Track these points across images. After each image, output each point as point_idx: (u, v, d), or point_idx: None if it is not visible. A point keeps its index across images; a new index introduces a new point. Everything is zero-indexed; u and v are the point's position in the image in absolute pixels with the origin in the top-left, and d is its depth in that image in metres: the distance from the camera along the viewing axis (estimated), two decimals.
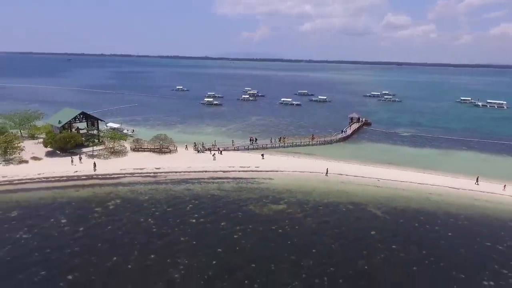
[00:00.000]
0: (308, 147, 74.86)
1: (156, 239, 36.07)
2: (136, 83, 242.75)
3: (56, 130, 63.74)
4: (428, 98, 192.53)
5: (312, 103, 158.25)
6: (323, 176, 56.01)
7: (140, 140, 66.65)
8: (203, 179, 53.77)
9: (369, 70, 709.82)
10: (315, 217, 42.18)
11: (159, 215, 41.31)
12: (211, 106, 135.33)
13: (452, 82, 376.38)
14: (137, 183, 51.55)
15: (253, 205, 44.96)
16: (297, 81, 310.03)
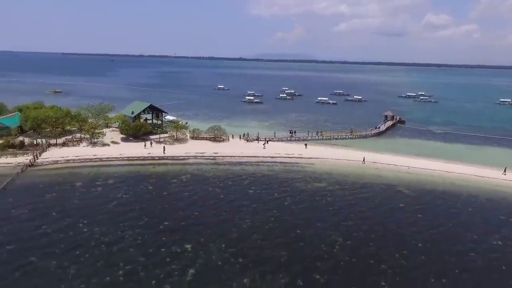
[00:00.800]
0: (344, 140, 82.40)
1: (224, 202, 45.58)
2: (179, 82, 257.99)
3: (129, 120, 75.48)
4: (465, 100, 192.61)
5: (348, 103, 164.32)
6: (360, 163, 63.58)
7: (198, 130, 77.15)
8: (254, 162, 63.06)
9: (406, 72, 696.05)
10: (352, 193, 50.21)
11: (223, 186, 50.98)
12: (252, 104, 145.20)
13: (494, 84, 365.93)
14: (201, 163, 61.70)
15: (299, 182, 53.68)
16: (332, 82, 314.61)
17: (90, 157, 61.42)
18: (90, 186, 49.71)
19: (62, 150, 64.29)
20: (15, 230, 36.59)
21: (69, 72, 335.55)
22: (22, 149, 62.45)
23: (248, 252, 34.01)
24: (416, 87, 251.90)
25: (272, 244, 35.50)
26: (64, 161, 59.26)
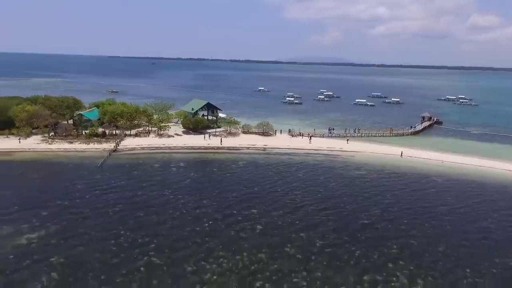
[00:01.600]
0: (382, 137, 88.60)
1: (278, 182, 54.28)
2: (220, 84, 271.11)
3: (189, 115, 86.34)
4: (508, 104, 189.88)
5: (385, 105, 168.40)
6: (396, 156, 70.18)
7: (248, 125, 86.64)
8: (300, 153, 71.44)
9: (448, 75, 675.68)
10: (388, 179, 57.35)
11: (275, 171, 59.80)
12: (292, 104, 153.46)
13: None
14: (253, 153, 70.97)
15: (341, 169, 61.50)
16: (369, 85, 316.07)
17: (160, 146, 72.44)
18: (166, 167, 60.36)
19: (135, 140, 75.90)
20: (119, 195, 47.26)
21: (118, 74, 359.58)
22: (104, 138, 74.67)
23: (302, 217, 42.43)
24: (457, 91, 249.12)
25: (321, 213, 43.70)
26: (140, 148, 70.59)
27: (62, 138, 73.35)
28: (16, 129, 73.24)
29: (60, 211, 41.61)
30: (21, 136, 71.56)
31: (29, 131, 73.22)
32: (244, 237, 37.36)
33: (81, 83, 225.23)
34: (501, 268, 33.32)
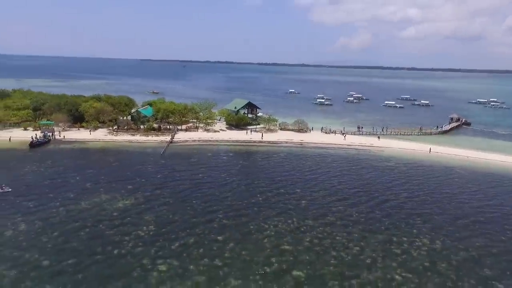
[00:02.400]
0: (410, 136, 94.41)
1: (316, 170, 62.15)
2: (251, 86, 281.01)
3: (232, 113, 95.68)
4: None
5: (415, 107, 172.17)
6: (425, 152, 76.36)
7: (285, 123, 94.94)
8: (334, 148, 78.94)
9: (481, 78, 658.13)
10: (415, 169, 64.02)
11: (312, 160, 67.74)
12: (323, 105, 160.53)
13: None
14: (291, 147, 79.18)
15: (371, 161, 68.64)
16: (399, 88, 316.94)
17: (208, 139, 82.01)
18: (217, 156, 69.68)
19: (186, 134, 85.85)
20: (184, 175, 56.64)
21: (154, 76, 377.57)
22: (159, 131, 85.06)
23: (339, 196, 50.12)
24: (489, 94, 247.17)
25: (356, 194, 51.24)
26: (192, 141, 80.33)
27: (124, 131, 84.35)
28: (86, 123, 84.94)
29: (141, 185, 51.40)
30: (90, 128, 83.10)
31: (96, 125, 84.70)
32: (292, 208, 45.56)
33: (123, 84, 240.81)
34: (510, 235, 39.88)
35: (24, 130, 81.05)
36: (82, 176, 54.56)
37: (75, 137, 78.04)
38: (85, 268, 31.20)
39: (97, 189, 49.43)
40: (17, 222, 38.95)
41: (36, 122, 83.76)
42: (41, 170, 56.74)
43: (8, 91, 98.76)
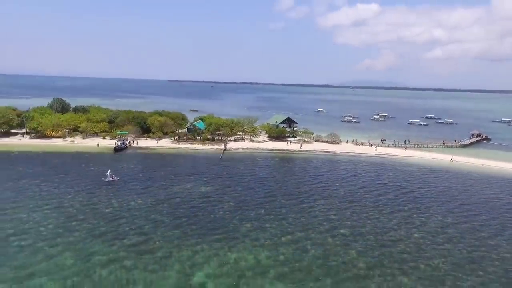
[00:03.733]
0: (433, 148, 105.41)
1: (349, 171, 74.91)
2: (279, 105, 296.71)
3: (273, 127, 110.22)
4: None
5: (439, 125, 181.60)
6: (447, 161, 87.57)
7: (319, 135, 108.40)
8: (364, 156, 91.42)
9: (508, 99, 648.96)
10: (435, 172, 75.63)
11: (345, 166, 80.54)
12: (351, 123, 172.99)
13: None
14: (326, 155, 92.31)
15: (396, 166, 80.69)
16: (424, 108, 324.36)
17: (255, 148, 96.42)
18: (266, 160, 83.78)
19: (235, 144, 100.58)
20: (243, 173, 70.67)
21: (186, 95, 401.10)
22: (213, 141, 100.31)
23: (371, 189, 62.60)
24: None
25: (384, 188, 63.57)
26: (241, 149, 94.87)
27: (184, 141, 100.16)
28: (152, 133, 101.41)
29: (212, 178, 65.84)
30: (156, 138, 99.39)
31: (161, 135, 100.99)
32: (334, 195, 58.52)
33: (163, 103, 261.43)
34: (505, 213, 51.30)
35: (103, 139, 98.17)
36: (164, 171, 69.72)
37: (146, 145, 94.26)
38: (193, 223, 45.27)
39: (180, 180, 64.24)
40: (135, 198, 53.87)
41: (111, 132, 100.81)
42: (131, 167, 72.40)
43: (87, 107, 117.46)
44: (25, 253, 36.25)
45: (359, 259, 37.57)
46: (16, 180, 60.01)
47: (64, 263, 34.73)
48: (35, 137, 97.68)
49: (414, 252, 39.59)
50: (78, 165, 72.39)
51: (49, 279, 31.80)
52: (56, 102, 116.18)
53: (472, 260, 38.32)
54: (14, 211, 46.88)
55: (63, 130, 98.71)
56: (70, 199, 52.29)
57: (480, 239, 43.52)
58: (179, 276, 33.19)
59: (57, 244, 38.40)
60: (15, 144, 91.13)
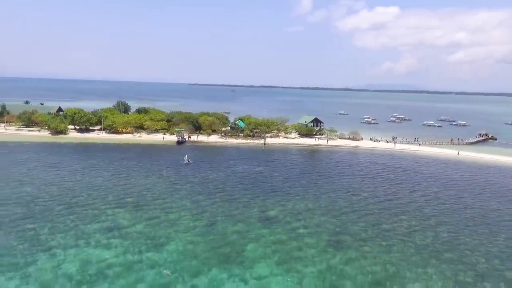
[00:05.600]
0: (442, 145, 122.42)
1: (367, 160, 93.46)
2: (300, 107, 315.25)
3: (303, 126, 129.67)
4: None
5: (452, 126, 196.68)
6: (455, 155, 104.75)
7: (342, 133, 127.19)
8: (381, 150, 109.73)
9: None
10: (446, 164, 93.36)
11: (365, 157, 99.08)
12: (370, 124, 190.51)
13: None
14: (349, 149, 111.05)
15: (410, 156, 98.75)
16: (441, 111, 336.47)
17: (288, 143, 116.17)
18: (299, 152, 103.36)
19: (271, 139, 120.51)
20: (284, 160, 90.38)
21: (211, 98, 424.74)
22: (253, 137, 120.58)
23: (388, 170, 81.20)
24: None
25: (398, 170, 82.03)
26: (278, 144, 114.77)
27: (229, 137, 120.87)
28: (203, 131, 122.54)
29: (261, 162, 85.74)
30: (207, 134, 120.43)
31: (210, 132, 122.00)
32: (356, 174, 77.50)
33: (193, 105, 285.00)
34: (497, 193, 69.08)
35: (164, 135, 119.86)
36: (221, 158, 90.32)
37: (200, 140, 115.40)
38: (257, 188, 65.06)
39: (237, 163, 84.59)
40: (209, 174, 74.31)
41: (170, 129, 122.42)
42: (195, 154, 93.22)
43: (148, 108, 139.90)
44: (164, 199, 57.00)
45: (373, 207, 56.64)
46: (119, 161, 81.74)
47: (186, 206, 55.21)
48: (109, 132, 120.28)
49: (408, 203, 58.32)
50: (157, 153, 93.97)
51: (187, 213, 52.28)
52: (120, 104, 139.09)
53: (451, 208, 56.74)
54: (133, 181, 68.13)
55: (131, 127, 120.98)
56: (165, 173, 73.30)
57: (458, 199, 61.83)
58: (259, 213, 53.03)
59: (174, 196, 59.05)
60: (96, 138, 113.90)
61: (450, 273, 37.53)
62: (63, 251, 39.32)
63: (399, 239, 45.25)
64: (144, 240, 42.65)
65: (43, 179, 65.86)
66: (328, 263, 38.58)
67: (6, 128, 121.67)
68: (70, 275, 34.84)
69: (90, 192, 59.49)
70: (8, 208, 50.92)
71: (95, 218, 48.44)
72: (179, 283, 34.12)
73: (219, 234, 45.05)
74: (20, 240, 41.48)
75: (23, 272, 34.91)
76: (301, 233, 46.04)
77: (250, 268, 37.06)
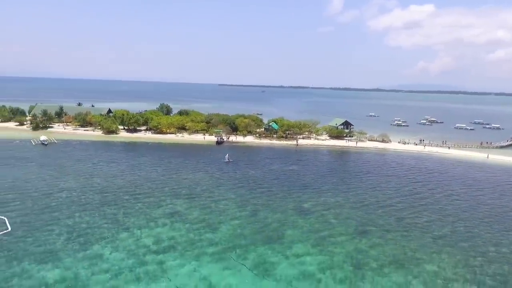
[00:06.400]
0: (471, 148, 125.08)
1: (394, 161, 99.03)
2: (330, 109, 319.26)
3: (333, 128, 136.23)
4: None
5: (485, 129, 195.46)
6: (484, 158, 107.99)
7: (371, 135, 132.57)
8: (408, 151, 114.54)
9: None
10: (472, 168, 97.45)
11: (392, 157, 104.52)
12: (400, 126, 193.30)
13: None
14: (377, 150, 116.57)
15: (436, 159, 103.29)
16: (476, 114, 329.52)
17: (320, 144, 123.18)
18: (329, 153, 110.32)
19: (303, 140, 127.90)
20: (316, 159, 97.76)
21: (241, 100, 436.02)
22: (286, 138, 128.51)
23: (413, 171, 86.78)
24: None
25: (429, 173, 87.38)
26: (309, 145, 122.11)
27: (264, 137, 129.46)
28: (239, 132, 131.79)
29: (295, 161, 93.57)
30: (243, 135, 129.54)
31: (246, 133, 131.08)
32: (382, 173, 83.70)
33: (226, 107, 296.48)
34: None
35: (203, 135, 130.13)
36: (258, 157, 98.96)
37: (237, 140, 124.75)
38: (292, 184, 72.84)
39: (272, 162, 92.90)
40: (248, 171, 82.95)
41: (209, 130, 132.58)
42: (233, 154, 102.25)
43: (188, 111, 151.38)
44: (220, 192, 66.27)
45: (396, 202, 63.11)
46: (168, 158, 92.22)
47: (231, 198, 64.06)
48: (154, 132, 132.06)
49: (429, 200, 64.27)
50: (199, 152, 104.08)
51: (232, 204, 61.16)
52: (163, 107, 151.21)
53: (469, 205, 62.23)
54: (183, 175, 77.99)
55: (174, 128, 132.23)
56: (210, 169, 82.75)
57: (477, 197, 66.99)
58: (294, 205, 60.95)
59: (220, 189, 68.11)
60: (143, 137, 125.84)
61: (461, 257, 43.97)
62: (138, 229, 49.05)
63: (418, 229, 51.87)
64: (200, 223, 51.75)
65: (107, 173, 77.01)
66: (355, 246, 46.03)
67: (65, 128, 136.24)
68: (148, 246, 44.37)
69: (149, 184, 69.72)
70: (87, 196, 61.79)
71: (157, 205, 58.22)
72: (233, 256, 42.76)
73: (261, 221, 53.46)
74: (104, 220, 51.72)
75: (113, 243, 44.78)
76: (332, 222, 53.64)
77: (289, 248, 45.13)
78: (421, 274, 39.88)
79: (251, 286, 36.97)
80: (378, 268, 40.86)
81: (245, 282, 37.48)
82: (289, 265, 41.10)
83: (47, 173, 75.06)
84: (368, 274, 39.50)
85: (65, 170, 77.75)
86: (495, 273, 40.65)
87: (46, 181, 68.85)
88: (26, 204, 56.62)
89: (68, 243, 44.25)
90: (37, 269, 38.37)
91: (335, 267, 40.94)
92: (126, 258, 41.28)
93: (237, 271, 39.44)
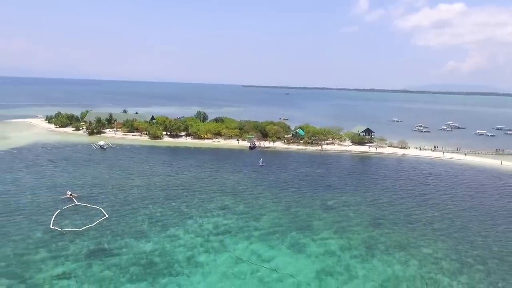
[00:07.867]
0: (486, 155, 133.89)
1: (411, 166, 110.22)
2: (354, 113, 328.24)
3: (355, 135, 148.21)
4: None
5: (506, 136, 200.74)
6: (497, 164, 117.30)
7: (391, 142, 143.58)
8: (425, 157, 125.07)
9: None
10: (484, 173, 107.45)
11: (410, 163, 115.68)
12: (421, 132, 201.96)
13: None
14: (394, 156, 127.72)
15: (449, 164, 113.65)
16: (502, 118, 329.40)
17: (343, 150, 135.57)
18: (352, 158, 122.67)
19: (327, 146, 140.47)
20: (339, 162, 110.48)
21: (265, 103, 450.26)
22: (312, 144, 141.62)
23: (426, 174, 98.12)
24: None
25: (436, 171, 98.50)
26: (333, 150, 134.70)
27: (291, 143, 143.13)
28: (269, 137, 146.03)
29: (319, 166, 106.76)
30: (272, 141, 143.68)
31: (275, 139, 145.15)
32: (399, 177, 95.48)
33: (254, 111, 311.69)
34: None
35: (237, 141, 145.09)
36: (287, 161, 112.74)
37: (267, 145, 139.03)
38: (318, 185, 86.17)
39: (299, 166, 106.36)
40: (280, 173, 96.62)
41: (242, 136, 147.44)
42: (265, 158, 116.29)
43: (223, 118, 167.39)
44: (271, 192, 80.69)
45: (407, 202, 75.27)
46: (209, 161, 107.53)
47: (268, 196, 78.19)
48: (193, 138, 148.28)
49: (435, 200, 76.01)
50: (235, 156, 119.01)
51: (269, 200, 75.30)
52: (200, 114, 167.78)
53: (470, 206, 73.56)
54: (225, 176, 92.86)
55: (211, 134, 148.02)
56: (247, 171, 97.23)
57: (479, 199, 78.08)
58: (320, 202, 74.37)
59: (257, 188, 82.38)
60: (184, 142, 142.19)
61: (452, 243, 56.25)
62: (200, 218, 63.94)
63: (421, 223, 64.23)
64: (245, 215, 66.10)
65: (163, 173, 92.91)
66: (368, 234, 59.09)
67: (116, 133, 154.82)
68: (209, 229, 59.14)
69: (199, 183, 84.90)
70: (153, 192, 77.55)
71: (210, 200, 73.12)
72: (274, 238, 56.85)
73: (293, 214, 67.29)
74: (171, 211, 66.98)
75: (183, 227, 59.84)
76: (350, 216, 66.81)
77: (316, 234, 58.73)
78: (418, 254, 52.62)
79: (289, 258, 50.89)
80: (385, 250, 53.85)
81: (284, 255, 51.50)
82: (316, 245, 54.76)
83: (115, 173, 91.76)
84: (377, 253, 52.62)
85: (129, 171, 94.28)
86: (476, 255, 52.82)
87: (118, 180, 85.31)
88: (109, 198, 72.82)
89: (151, 226, 59.66)
90: (135, 243, 53.78)
91: (352, 248, 54.26)
92: (196, 237, 56.18)
93: (278, 249, 53.46)
